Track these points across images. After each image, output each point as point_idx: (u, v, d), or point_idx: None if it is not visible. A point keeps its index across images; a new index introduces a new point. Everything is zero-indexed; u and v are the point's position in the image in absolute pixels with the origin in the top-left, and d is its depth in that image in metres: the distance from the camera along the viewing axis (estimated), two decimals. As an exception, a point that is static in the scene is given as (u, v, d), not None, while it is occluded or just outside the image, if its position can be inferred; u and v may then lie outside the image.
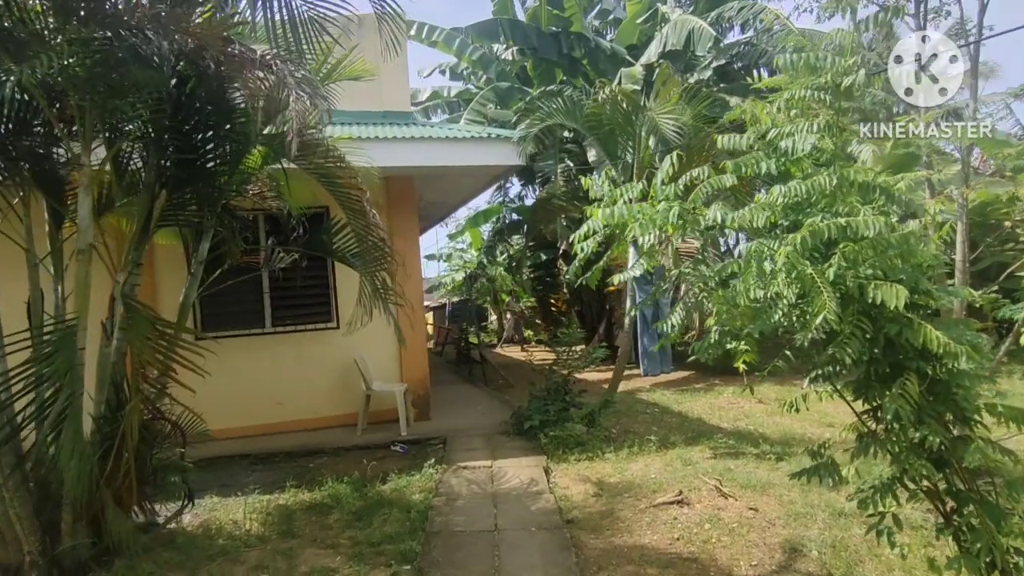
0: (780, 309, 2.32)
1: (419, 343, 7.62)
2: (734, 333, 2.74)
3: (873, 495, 2.51)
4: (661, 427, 7.14)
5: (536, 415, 6.50)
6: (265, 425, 7.19)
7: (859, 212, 2.09)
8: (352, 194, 3.92)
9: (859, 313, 2.14)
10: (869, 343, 2.17)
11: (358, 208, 3.98)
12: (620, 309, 12.59)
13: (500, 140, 6.87)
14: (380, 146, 6.61)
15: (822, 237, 1.99)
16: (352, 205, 3.95)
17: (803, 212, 2.31)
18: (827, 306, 1.90)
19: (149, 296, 6.86)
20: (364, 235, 4.19)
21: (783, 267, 2.07)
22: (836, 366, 2.43)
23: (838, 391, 2.80)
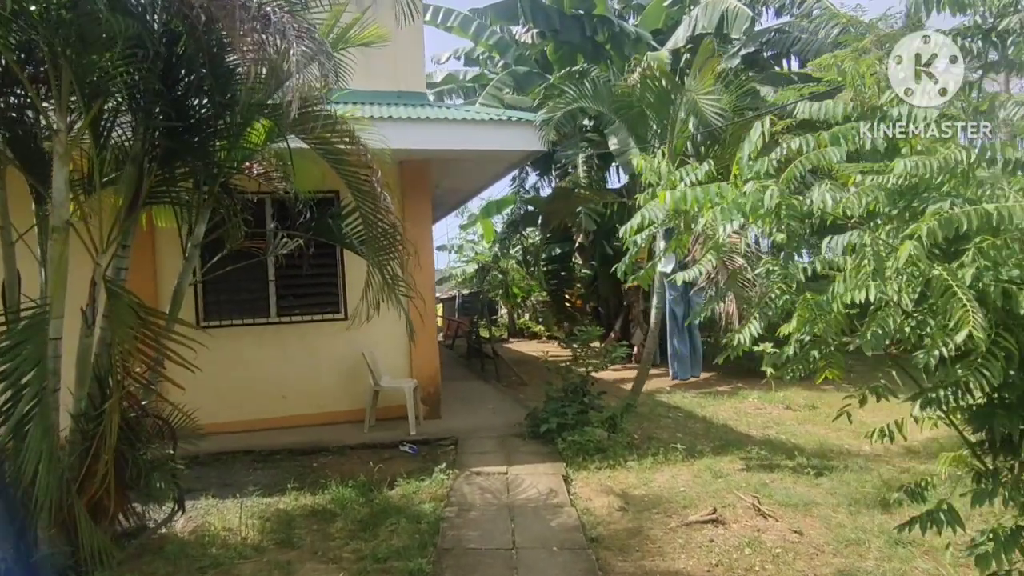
0: (892, 317, 1.88)
1: (430, 337, 7.23)
2: (822, 343, 2.31)
3: (996, 549, 2.05)
4: (686, 434, 6.72)
5: (553, 417, 6.10)
6: (269, 419, 6.84)
7: (999, 197, 1.66)
8: (361, 174, 3.52)
9: (996, 325, 1.71)
10: (1005, 363, 1.73)
11: (367, 190, 3.57)
12: (638, 306, 12.17)
13: (521, 123, 6.44)
14: (394, 127, 6.20)
15: (959, 228, 1.56)
16: (360, 186, 3.55)
17: (919, 197, 1.88)
18: (970, 319, 1.48)
19: (149, 283, 6.52)
20: (373, 220, 3.79)
21: (904, 266, 1.64)
22: (960, 390, 1.97)
23: (946, 416, 2.34)
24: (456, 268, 21.02)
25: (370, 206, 3.66)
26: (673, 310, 5.46)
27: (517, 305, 19.71)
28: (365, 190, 3.57)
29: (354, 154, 3.44)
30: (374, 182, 3.51)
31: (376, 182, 3.52)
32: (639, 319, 12.15)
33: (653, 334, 6.06)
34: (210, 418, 6.70)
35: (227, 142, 3.83)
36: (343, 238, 4.34)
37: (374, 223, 3.84)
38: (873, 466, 5.45)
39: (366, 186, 3.54)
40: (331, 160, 3.51)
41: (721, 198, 2.17)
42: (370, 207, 3.66)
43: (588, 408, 6.33)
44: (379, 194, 3.54)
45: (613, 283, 13.29)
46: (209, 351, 6.89)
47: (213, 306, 6.77)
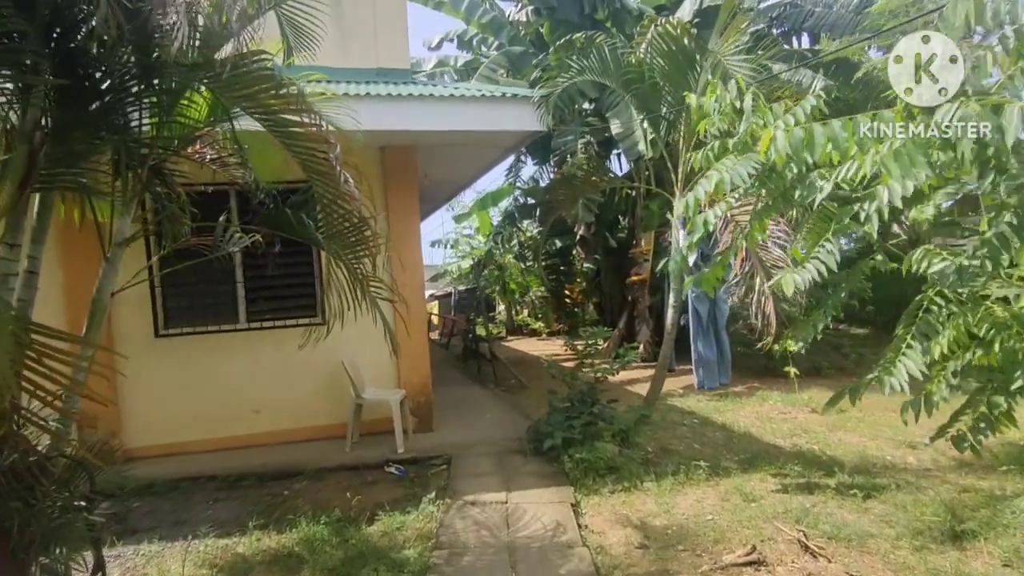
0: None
1: (420, 342, 6.52)
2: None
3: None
4: (705, 445, 6.03)
5: (558, 432, 5.40)
6: (239, 437, 6.13)
7: None
8: (317, 152, 2.79)
9: None
10: None
11: (324, 170, 2.85)
12: (644, 301, 11.46)
13: (518, 100, 5.71)
14: (372, 106, 5.47)
15: None
16: (316, 166, 2.82)
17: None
18: None
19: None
20: (333, 208, 3.07)
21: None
22: None
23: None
24: (451, 264, 20.27)
25: (329, 191, 2.94)
26: (696, 309, 4.76)
27: (515, 301, 19.00)
28: (320, 170, 2.85)
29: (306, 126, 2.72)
30: (331, 160, 2.78)
31: (334, 159, 2.80)
32: (645, 315, 11.45)
33: (670, 336, 5.36)
34: (172, 437, 6.04)
35: (158, 115, 3.11)
36: (307, 232, 3.61)
37: (335, 212, 3.11)
38: (926, 484, 4.76)
39: (322, 164, 2.82)
40: (279, 135, 2.80)
41: (885, 136, 1.44)
42: (329, 192, 2.94)
43: (597, 419, 5.63)
44: (337, 175, 2.81)
45: (617, 277, 12.60)
46: (171, 362, 6.25)
47: (175, 312, 6.05)
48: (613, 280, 12.67)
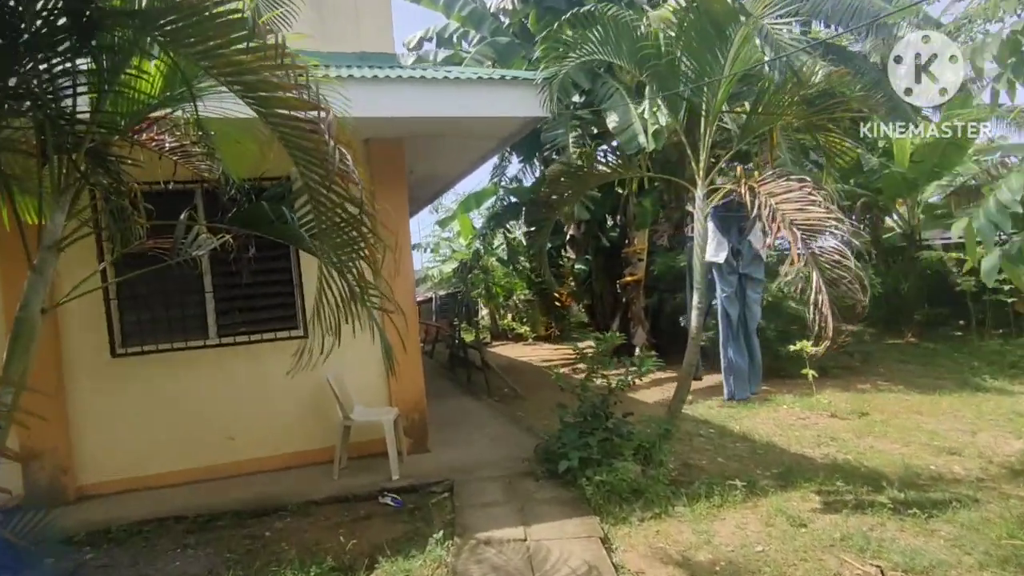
0: None
1: (413, 355, 5.91)
2: None
3: None
4: (730, 458, 5.52)
5: (573, 451, 4.84)
6: (213, 468, 5.44)
7: None
8: (302, 123, 2.19)
9: None
10: None
11: (309, 145, 2.24)
12: (639, 303, 10.97)
13: (519, 83, 5.15)
14: (358, 90, 4.84)
15: None
16: (299, 140, 2.22)
17: None
18: None
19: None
20: (322, 199, 2.46)
21: None
22: None
23: None
24: (432, 268, 19.62)
25: (316, 173, 2.32)
26: (727, 311, 4.24)
27: (499, 305, 18.42)
28: (307, 146, 2.24)
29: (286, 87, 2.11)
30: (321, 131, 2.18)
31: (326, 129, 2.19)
32: (640, 317, 10.98)
33: (695, 341, 4.83)
34: (133, 471, 5.31)
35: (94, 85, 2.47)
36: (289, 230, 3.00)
37: (323, 201, 2.50)
38: (984, 497, 4.31)
39: (308, 140, 2.22)
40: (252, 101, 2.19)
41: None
42: (316, 174, 2.32)
43: (613, 435, 5.08)
44: (328, 152, 2.20)
45: (609, 278, 12.10)
46: (131, 385, 5.52)
47: (134, 328, 5.34)
48: (604, 281, 12.17)
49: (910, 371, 9.14)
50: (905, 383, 8.33)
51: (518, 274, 15.88)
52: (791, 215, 3.61)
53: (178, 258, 3.06)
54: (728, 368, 4.39)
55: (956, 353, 10.13)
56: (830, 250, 3.45)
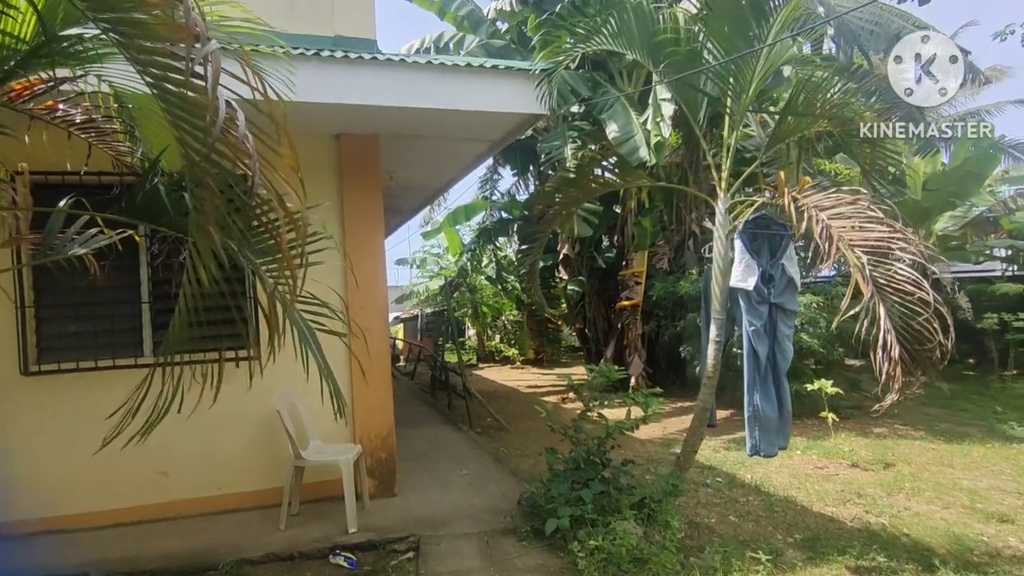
0: None
1: (381, 383, 5.13)
2: None
3: None
4: (743, 516, 4.76)
5: (563, 508, 4.07)
6: (141, 509, 4.62)
7: None
8: (172, 60, 1.45)
9: None
10: None
11: (184, 100, 1.49)
12: (635, 330, 10.26)
13: (514, 74, 4.46)
14: (326, 72, 4.17)
15: None
16: (164, 77, 1.47)
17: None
18: None
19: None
20: (198, 174, 1.69)
21: None
22: None
23: None
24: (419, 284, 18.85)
25: (194, 137, 1.57)
26: (754, 348, 3.52)
27: (487, 326, 17.64)
28: (179, 99, 1.49)
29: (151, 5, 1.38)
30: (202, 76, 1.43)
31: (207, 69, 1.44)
32: (637, 345, 10.27)
33: (711, 381, 4.09)
34: (47, 509, 4.48)
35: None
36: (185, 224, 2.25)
37: (209, 177, 1.75)
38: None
39: (173, 77, 1.47)
40: (105, 25, 1.46)
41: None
42: (195, 145, 1.56)
43: (611, 487, 4.32)
44: (208, 108, 1.45)
45: (604, 302, 11.40)
46: (46, 409, 4.69)
47: (53, 342, 4.54)
48: (599, 305, 11.47)
49: (929, 414, 8.45)
50: (926, 428, 7.64)
51: (507, 294, 15.16)
52: (847, 234, 2.93)
53: (57, 255, 2.31)
54: (754, 417, 3.64)
55: (975, 395, 9.48)
56: (901, 278, 2.75)
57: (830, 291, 8.35)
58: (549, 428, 4.64)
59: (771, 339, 3.60)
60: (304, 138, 5.04)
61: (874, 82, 7.62)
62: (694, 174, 9.76)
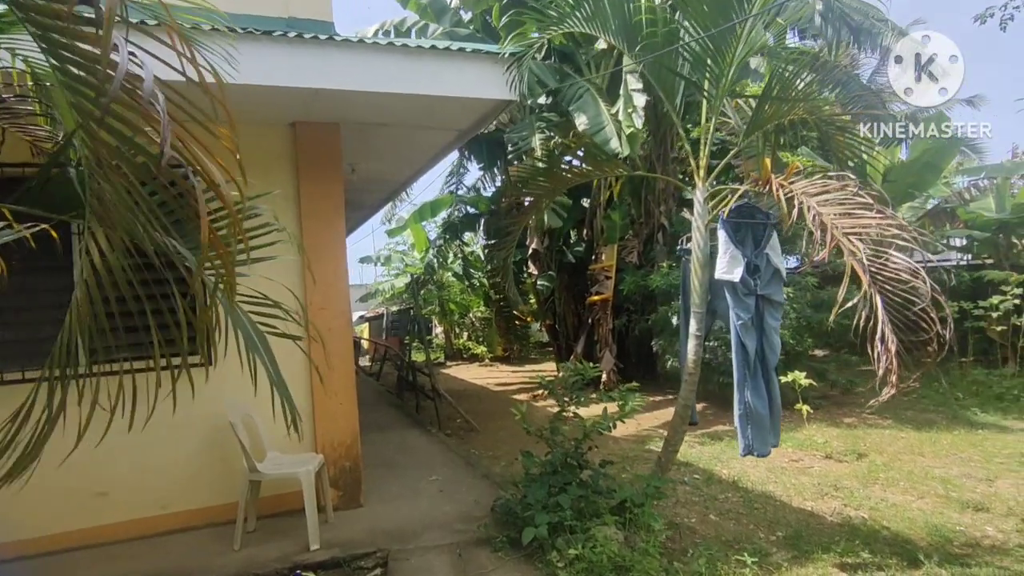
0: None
1: (345, 387, 4.83)
2: None
3: None
4: (723, 515, 4.64)
5: (541, 515, 3.86)
6: (77, 533, 4.22)
7: None
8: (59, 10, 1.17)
9: None
10: None
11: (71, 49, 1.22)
12: (606, 324, 10.12)
13: (479, 57, 4.20)
14: (278, 53, 3.85)
15: None
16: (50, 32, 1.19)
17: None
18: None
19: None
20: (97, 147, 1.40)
21: None
22: None
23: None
24: (384, 282, 18.42)
25: (88, 109, 1.28)
26: (742, 342, 3.36)
27: (454, 323, 17.35)
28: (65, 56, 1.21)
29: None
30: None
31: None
32: (607, 340, 10.14)
33: (692, 378, 3.93)
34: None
35: None
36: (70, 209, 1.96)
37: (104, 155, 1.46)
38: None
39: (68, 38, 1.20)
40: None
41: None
42: (89, 111, 1.27)
43: (590, 491, 4.13)
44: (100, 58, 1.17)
45: (573, 297, 11.25)
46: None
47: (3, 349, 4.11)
48: (568, 300, 11.31)
49: (893, 402, 8.51)
50: (894, 417, 7.69)
51: (474, 291, 14.89)
52: (839, 222, 2.78)
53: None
54: (746, 416, 3.48)
55: (935, 382, 9.63)
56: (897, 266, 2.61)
57: (799, 281, 8.34)
58: (525, 431, 4.42)
59: (759, 333, 3.44)
60: (256, 127, 4.69)
61: (843, 72, 7.65)
62: (662, 166, 9.66)
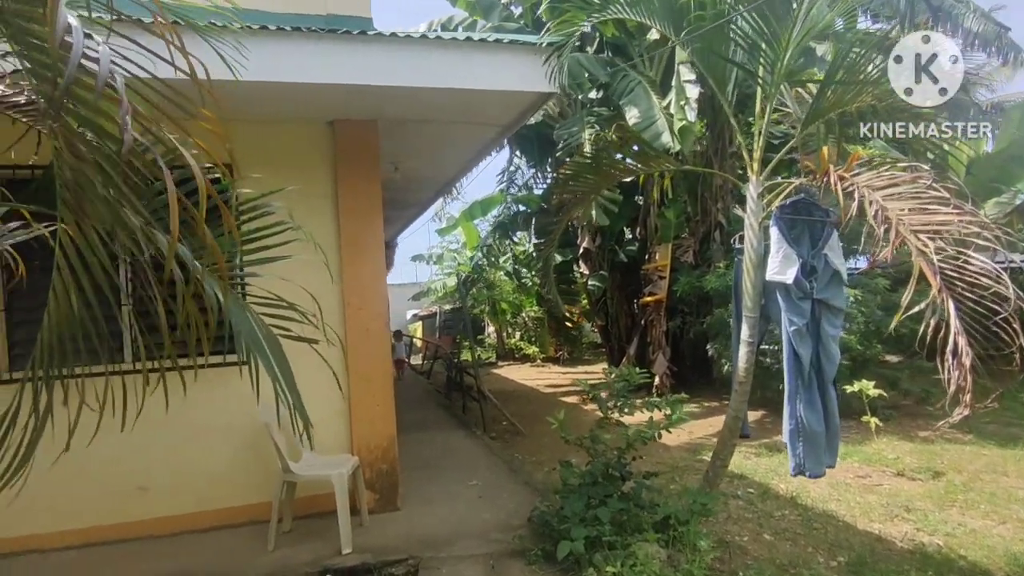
0: None
1: (382, 389, 4.76)
2: None
3: None
4: (779, 534, 4.30)
5: (578, 528, 3.65)
6: (118, 527, 4.30)
7: None
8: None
9: None
10: None
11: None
12: (659, 327, 9.77)
13: (516, 48, 4.03)
14: (314, 50, 3.80)
15: None
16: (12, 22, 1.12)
17: None
18: None
19: None
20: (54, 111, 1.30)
21: None
22: None
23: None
24: (436, 281, 18.53)
25: (45, 76, 1.20)
26: (795, 351, 3.06)
27: (506, 323, 17.25)
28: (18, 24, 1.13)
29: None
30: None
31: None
32: (661, 342, 9.78)
33: (743, 387, 3.64)
34: (18, 528, 4.13)
35: None
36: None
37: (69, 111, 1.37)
38: None
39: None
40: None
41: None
42: (46, 78, 1.19)
43: (632, 504, 3.89)
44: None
45: (626, 297, 10.93)
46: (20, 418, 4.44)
47: (28, 348, 4.24)
48: (621, 300, 10.99)
49: (974, 415, 7.82)
50: (974, 431, 7.04)
51: (526, 290, 14.74)
52: (907, 218, 2.46)
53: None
54: (797, 431, 3.17)
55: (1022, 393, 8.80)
56: (975, 269, 2.27)
57: (868, 283, 7.77)
58: (563, 440, 4.22)
59: (815, 340, 3.13)
60: (294, 125, 4.69)
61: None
62: (720, 162, 9.23)
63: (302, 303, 2.59)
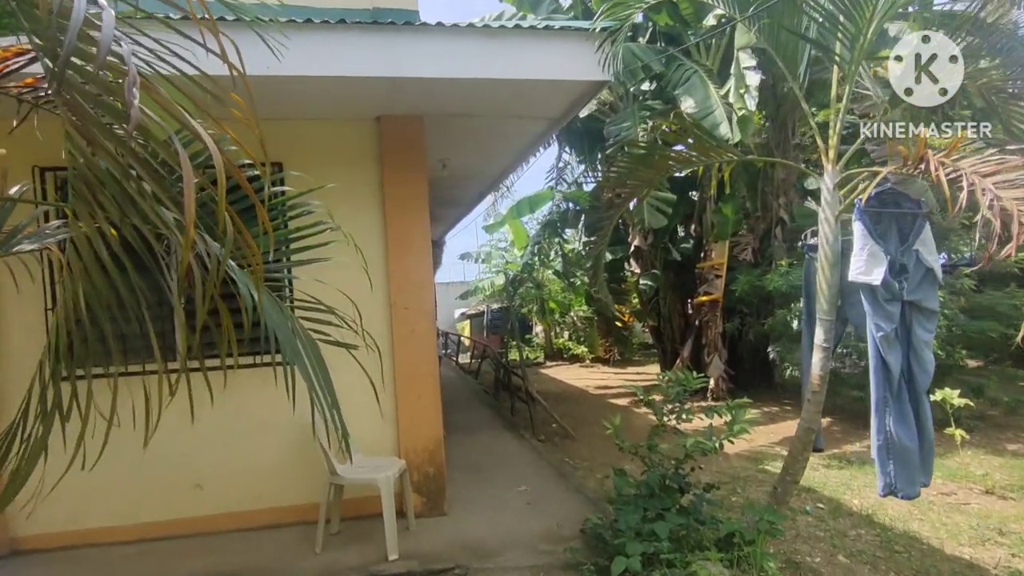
0: None
1: (428, 391, 4.64)
2: None
3: None
4: (854, 556, 3.95)
5: (632, 543, 3.43)
6: (173, 523, 4.35)
7: None
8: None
9: None
10: None
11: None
12: (715, 328, 9.38)
13: (568, 34, 3.83)
14: (358, 43, 3.70)
15: None
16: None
17: None
18: None
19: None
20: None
21: None
22: None
23: None
24: (484, 280, 18.45)
25: (45, 45, 1.09)
26: (883, 358, 2.76)
27: (554, 323, 17.02)
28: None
29: None
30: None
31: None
32: (717, 344, 9.38)
33: (816, 396, 3.33)
34: (76, 523, 4.26)
35: None
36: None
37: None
38: None
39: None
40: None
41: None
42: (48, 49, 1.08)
43: (691, 519, 3.64)
44: None
45: (680, 297, 10.55)
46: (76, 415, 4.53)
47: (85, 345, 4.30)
48: (674, 300, 10.62)
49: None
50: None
51: (575, 289, 14.47)
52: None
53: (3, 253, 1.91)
54: (886, 447, 2.86)
55: None
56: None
57: (953, 284, 7.19)
58: (618, 448, 4.00)
59: (905, 347, 2.81)
60: (341, 122, 4.62)
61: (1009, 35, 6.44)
62: (782, 154, 8.75)
63: (345, 303, 2.48)
